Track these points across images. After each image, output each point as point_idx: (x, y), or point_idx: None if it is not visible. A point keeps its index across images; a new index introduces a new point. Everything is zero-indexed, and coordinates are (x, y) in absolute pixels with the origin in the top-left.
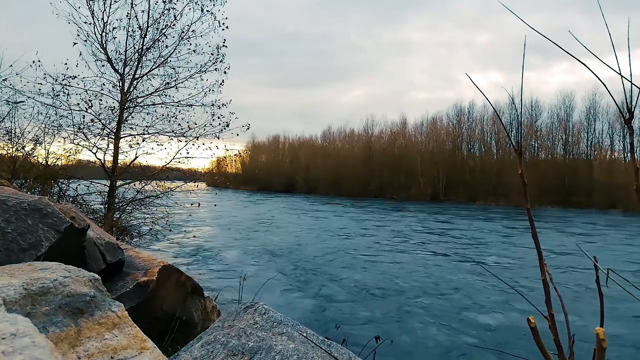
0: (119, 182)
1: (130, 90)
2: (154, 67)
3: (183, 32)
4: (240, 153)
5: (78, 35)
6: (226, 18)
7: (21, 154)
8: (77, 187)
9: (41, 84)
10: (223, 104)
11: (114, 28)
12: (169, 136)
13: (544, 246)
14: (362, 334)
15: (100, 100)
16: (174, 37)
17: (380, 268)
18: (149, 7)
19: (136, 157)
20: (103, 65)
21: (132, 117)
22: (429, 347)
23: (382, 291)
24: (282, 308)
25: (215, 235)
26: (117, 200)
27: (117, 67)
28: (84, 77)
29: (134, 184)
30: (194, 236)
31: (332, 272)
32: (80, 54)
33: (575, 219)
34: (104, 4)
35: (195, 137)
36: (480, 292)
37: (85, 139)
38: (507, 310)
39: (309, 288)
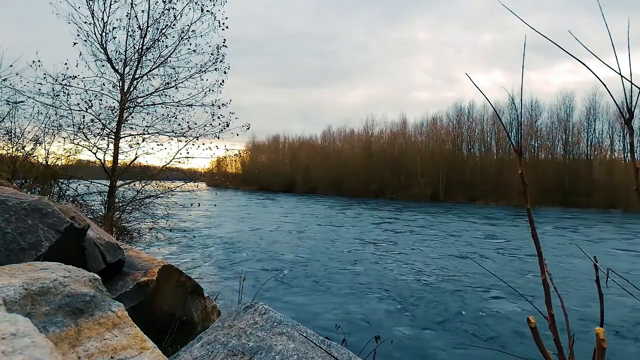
0: (119, 182)
1: (130, 90)
2: (154, 67)
3: (183, 32)
4: (240, 153)
5: (78, 35)
6: (226, 18)
7: (21, 154)
8: (77, 187)
9: (41, 84)
10: (223, 104)
11: (114, 28)
12: (169, 136)
13: (543, 246)
14: (362, 334)
15: (100, 100)
16: (174, 37)
17: (381, 268)
18: (149, 7)
19: (136, 157)
20: (103, 65)
21: (132, 117)
22: (429, 347)
23: (383, 291)
24: (282, 308)
25: (216, 236)
26: (117, 200)
27: (117, 67)
28: (84, 77)
29: (134, 184)
30: (194, 236)
31: (332, 271)
32: (80, 54)
33: (575, 219)
34: (104, 4)
35: (195, 137)
36: (480, 292)
37: (85, 139)
38: (506, 310)
39: (309, 288)
